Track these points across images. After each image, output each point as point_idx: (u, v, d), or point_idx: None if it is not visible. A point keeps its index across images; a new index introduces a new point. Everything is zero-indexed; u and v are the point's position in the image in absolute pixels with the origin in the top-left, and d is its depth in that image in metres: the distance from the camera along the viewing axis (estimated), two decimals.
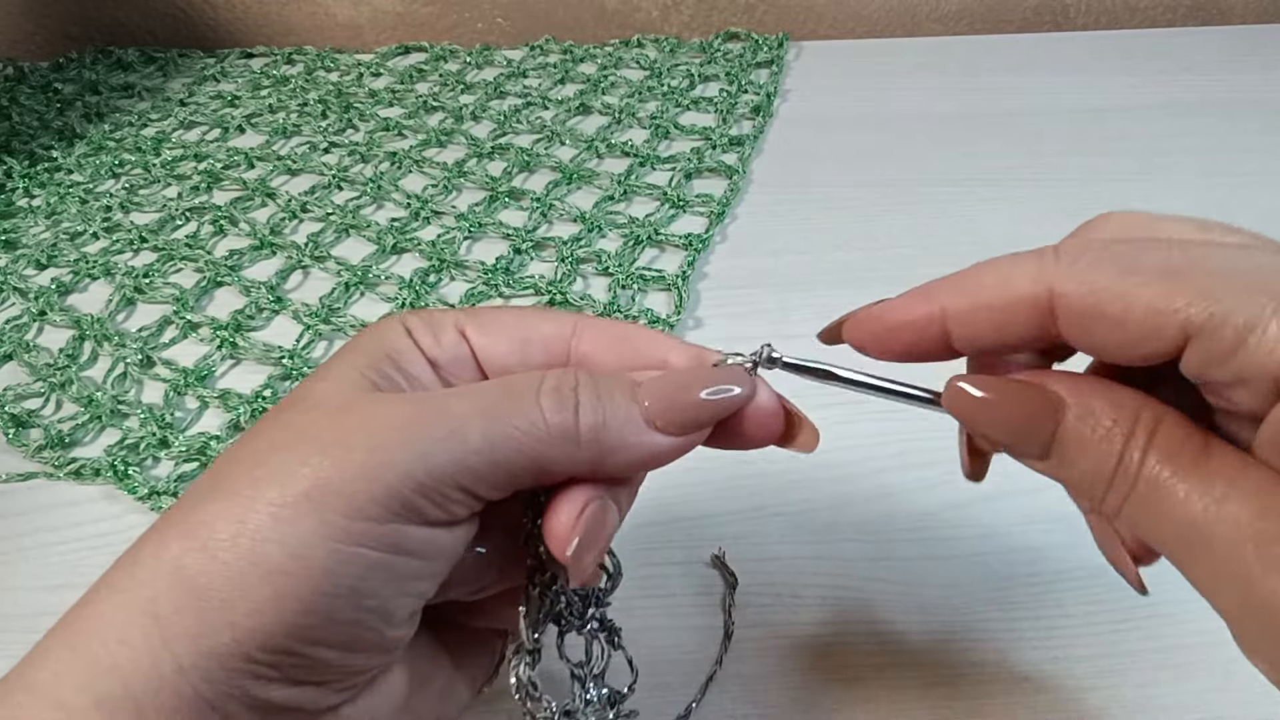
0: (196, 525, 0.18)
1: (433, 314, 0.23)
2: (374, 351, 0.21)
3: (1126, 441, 0.17)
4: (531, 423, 0.19)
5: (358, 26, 0.72)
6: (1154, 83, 0.61)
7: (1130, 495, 0.17)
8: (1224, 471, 0.16)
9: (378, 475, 0.18)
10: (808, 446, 0.22)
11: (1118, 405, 0.17)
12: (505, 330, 0.22)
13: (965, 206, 0.49)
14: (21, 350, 0.42)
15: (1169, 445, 0.16)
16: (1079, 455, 0.17)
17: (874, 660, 0.29)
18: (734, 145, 0.55)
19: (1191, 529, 0.16)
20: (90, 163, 0.57)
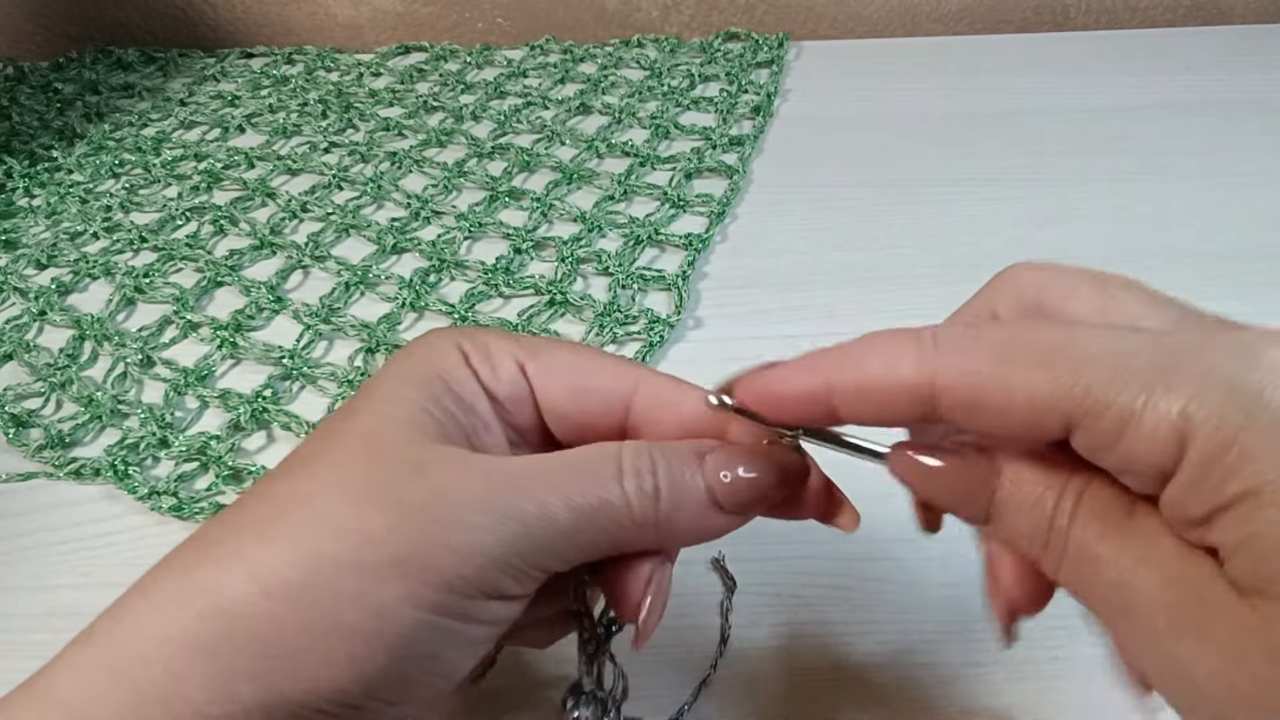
0: (261, 566, 0.17)
1: (488, 341, 0.22)
2: (430, 379, 0.21)
3: (1056, 506, 0.17)
4: (617, 510, 0.20)
5: (358, 26, 0.72)
6: (1154, 83, 0.61)
7: (1063, 558, 0.17)
8: (1141, 537, 0.16)
9: (469, 557, 0.18)
10: (846, 527, 0.23)
11: (1048, 472, 0.18)
12: (566, 375, 0.22)
13: (965, 206, 0.49)
14: (21, 350, 0.42)
15: (1094, 510, 0.17)
16: (1015, 519, 0.18)
17: (874, 660, 0.29)
18: (734, 145, 0.55)
19: (1115, 594, 0.16)
20: (90, 163, 0.57)
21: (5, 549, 0.34)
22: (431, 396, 0.20)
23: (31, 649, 0.30)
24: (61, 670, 0.17)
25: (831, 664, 0.28)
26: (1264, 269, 0.43)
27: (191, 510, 0.34)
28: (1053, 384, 0.16)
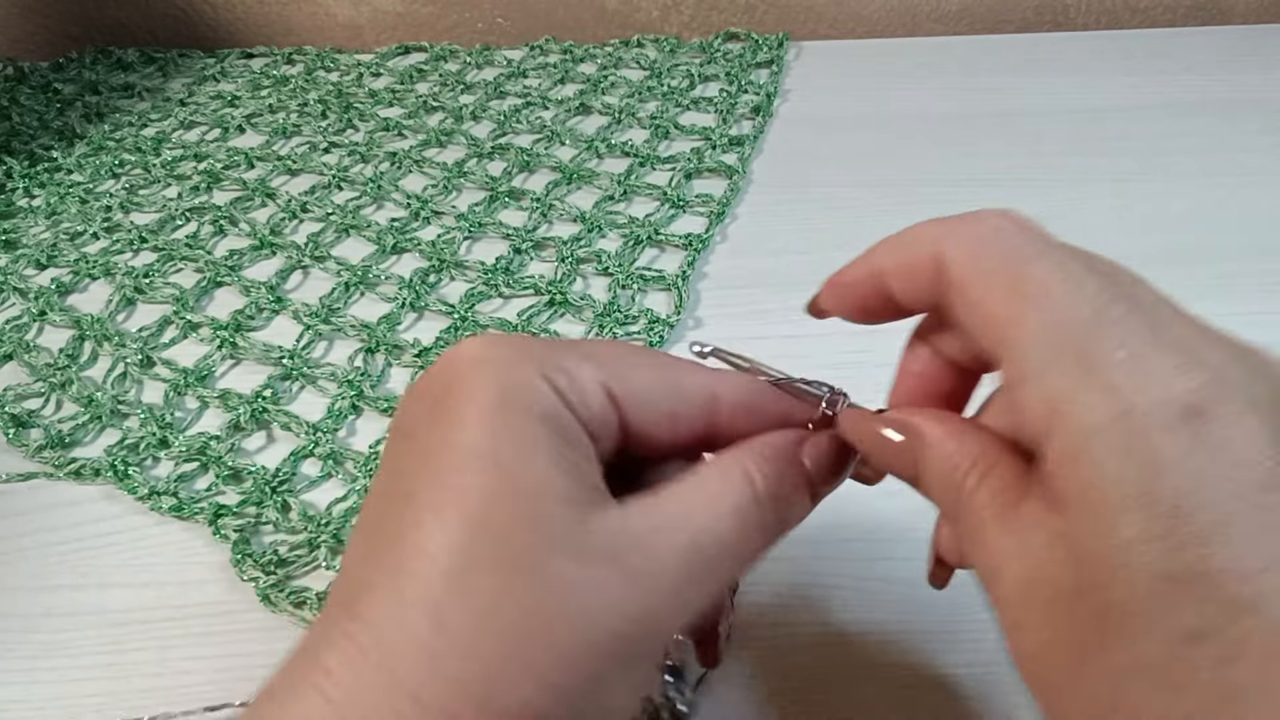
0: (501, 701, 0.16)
1: (569, 366, 0.20)
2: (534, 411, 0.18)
3: (963, 480, 0.18)
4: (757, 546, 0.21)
5: (358, 26, 0.72)
6: (1154, 83, 0.61)
7: (962, 526, 0.18)
8: (1020, 526, 0.17)
9: (670, 628, 0.19)
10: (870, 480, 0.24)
11: (963, 447, 0.19)
12: (656, 401, 0.21)
13: (965, 206, 0.48)
14: (21, 350, 0.42)
15: (991, 491, 0.18)
16: (934, 484, 0.19)
17: (874, 660, 0.29)
18: (734, 145, 0.55)
19: (988, 573, 0.18)
20: (90, 163, 0.57)
21: (5, 549, 0.34)
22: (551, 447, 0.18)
23: (31, 649, 0.30)
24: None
25: (832, 664, 0.28)
26: (1264, 269, 0.43)
27: (191, 510, 0.34)
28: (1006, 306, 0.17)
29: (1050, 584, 0.16)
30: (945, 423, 0.20)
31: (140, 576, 0.32)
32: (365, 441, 0.37)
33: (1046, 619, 0.16)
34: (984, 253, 0.18)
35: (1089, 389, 0.15)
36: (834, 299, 0.22)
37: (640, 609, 0.18)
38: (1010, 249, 0.18)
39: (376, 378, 0.40)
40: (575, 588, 0.17)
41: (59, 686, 0.29)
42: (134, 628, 0.31)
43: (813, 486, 0.22)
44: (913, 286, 0.20)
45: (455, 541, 0.17)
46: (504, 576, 0.17)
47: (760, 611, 0.30)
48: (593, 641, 0.17)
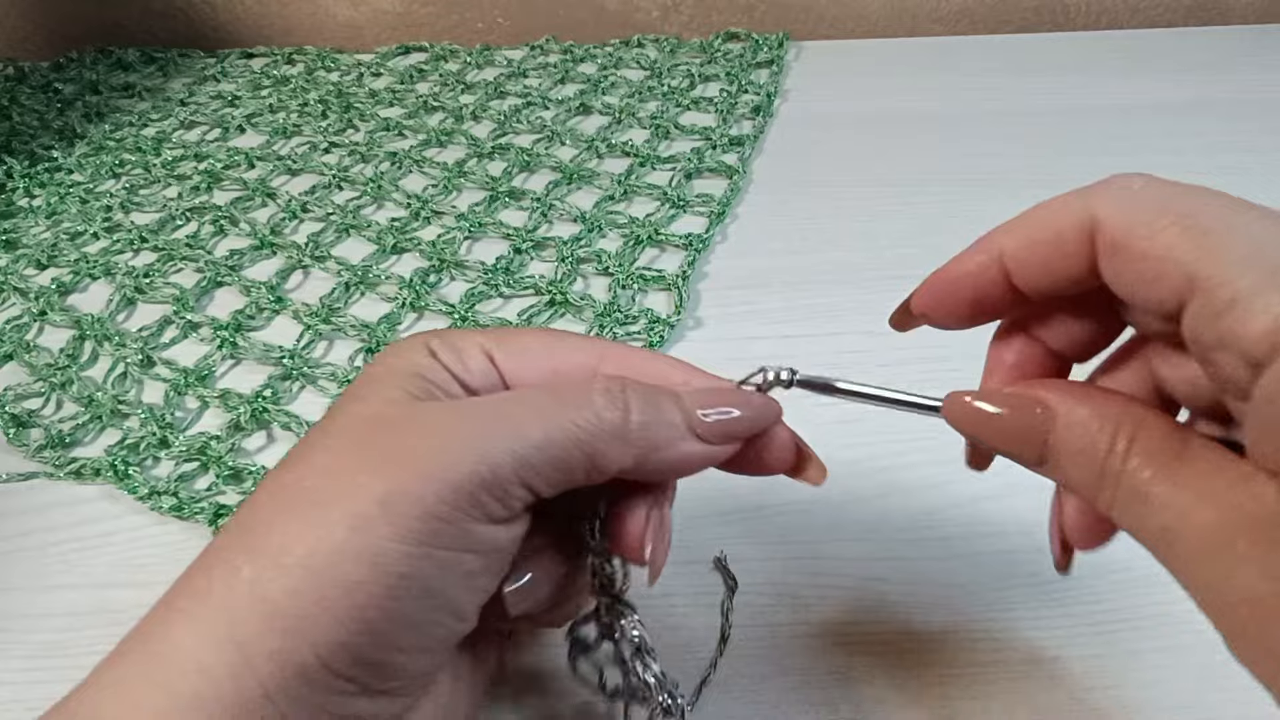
0: (269, 546, 0.18)
1: (455, 337, 0.23)
2: (406, 372, 0.22)
3: (1110, 447, 0.18)
4: (587, 419, 0.20)
5: (358, 26, 0.72)
6: (1154, 83, 0.61)
7: (1116, 497, 0.18)
8: (1195, 474, 0.16)
9: (445, 477, 0.19)
10: (813, 480, 0.24)
11: (1102, 412, 0.18)
12: (534, 359, 0.23)
13: (965, 206, 0.49)
14: (22, 350, 0.42)
15: (1148, 449, 0.17)
16: (1070, 461, 0.18)
17: (874, 660, 0.29)
18: (734, 145, 0.55)
19: (1167, 533, 0.17)
20: (90, 163, 0.57)
21: (5, 549, 0.34)
22: (410, 382, 0.21)
23: (31, 649, 0.30)
24: (104, 683, 0.18)
25: (831, 664, 0.28)
26: None
27: (191, 510, 0.34)
28: (1191, 242, 0.16)
29: (1260, 523, 0.15)
30: (1072, 389, 0.19)
31: (140, 576, 0.32)
32: None
33: (1255, 562, 0.15)
34: (1141, 205, 0.17)
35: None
36: (938, 299, 0.21)
37: (414, 459, 0.19)
38: (1167, 196, 0.17)
39: None
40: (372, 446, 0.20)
41: (59, 686, 0.29)
42: None
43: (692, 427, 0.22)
44: (1053, 262, 0.19)
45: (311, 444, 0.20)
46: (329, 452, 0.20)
47: (760, 611, 0.30)
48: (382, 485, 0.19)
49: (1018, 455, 0.19)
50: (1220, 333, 0.16)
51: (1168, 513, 0.16)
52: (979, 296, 0.20)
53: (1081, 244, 0.18)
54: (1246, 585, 0.15)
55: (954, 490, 0.33)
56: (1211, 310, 0.16)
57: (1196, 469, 0.16)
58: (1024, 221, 0.19)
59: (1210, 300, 0.16)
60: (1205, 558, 0.16)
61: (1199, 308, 0.16)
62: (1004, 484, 0.33)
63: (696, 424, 0.22)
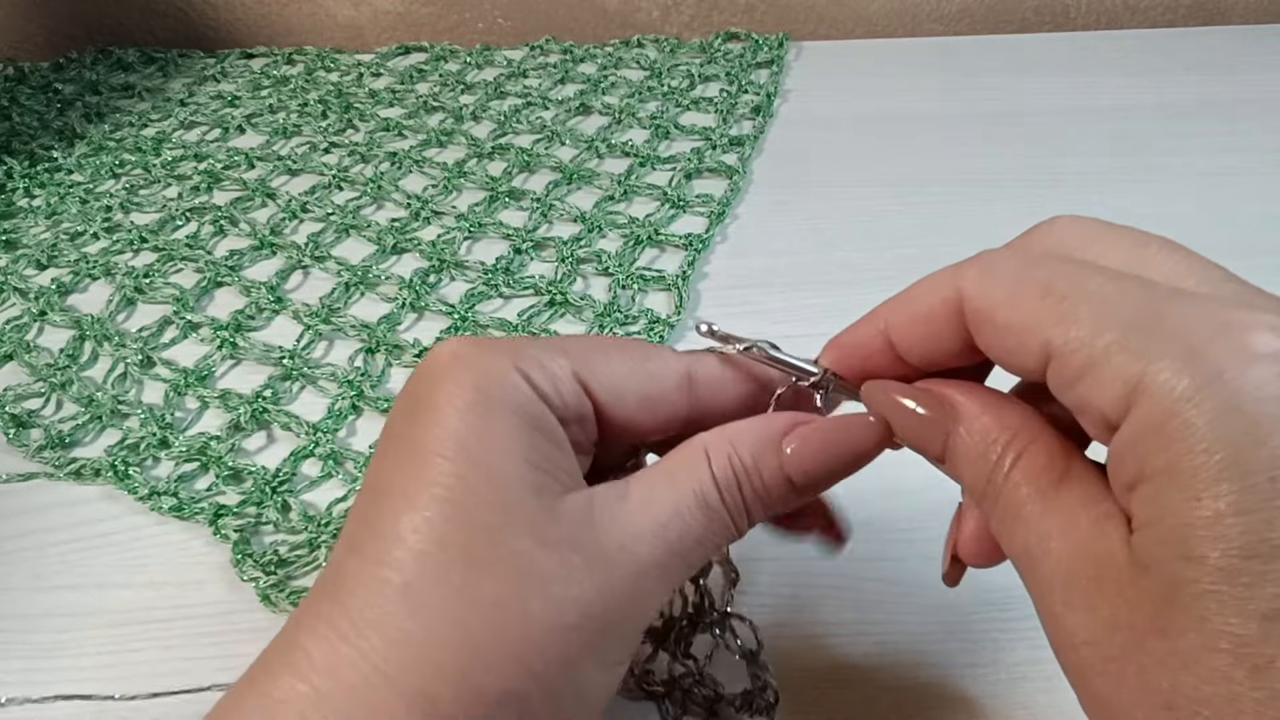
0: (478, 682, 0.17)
1: (542, 357, 0.20)
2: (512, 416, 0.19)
3: (999, 459, 0.18)
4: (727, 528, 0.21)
5: (358, 26, 0.72)
6: (1154, 83, 0.61)
7: (995, 507, 0.18)
8: (1066, 504, 0.17)
9: (641, 611, 0.19)
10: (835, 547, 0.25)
11: (1001, 423, 0.18)
12: (630, 388, 0.21)
13: (965, 206, 0.49)
14: (22, 350, 0.42)
15: (1031, 468, 0.17)
16: (964, 463, 0.19)
17: (874, 660, 0.29)
18: (734, 145, 0.55)
19: (1027, 555, 0.17)
20: (90, 163, 0.57)
21: (5, 549, 0.34)
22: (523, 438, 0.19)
23: (31, 649, 0.30)
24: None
25: (831, 664, 0.28)
26: (1264, 268, 0.43)
27: (191, 511, 0.34)
28: (1041, 313, 0.16)
29: (1101, 564, 0.15)
30: (980, 396, 0.19)
31: (140, 576, 0.32)
32: (365, 441, 0.37)
33: (1097, 601, 0.15)
34: (1002, 278, 0.18)
35: (1171, 356, 0.15)
36: (838, 361, 0.22)
37: (602, 591, 0.18)
38: (1025, 267, 0.18)
39: (376, 378, 0.40)
40: (539, 569, 0.18)
41: (59, 686, 0.29)
42: (134, 628, 0.31)
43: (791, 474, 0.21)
44: (930, 338, 0.19)
45: (429, 529, 0.18)
46: (473, 560, 0.18)
47: (760, 612, 0.30)
48: (559, 622, 0.18)
49: (921, 447, 0.20)
50: (1076, 397, 0.16)
51: (1031, 535, 0.17)
52: (869, 366, 0.21)
53: (952, 319, 0.19)
54: (1077, 626, 0.16)
55: (954, 490, 0.33)
56: (1067, 377, 0.16)
57: (1068, 498, 0.17)
58: (903, 298, 0.20)
59: (1065, 367, 0.16)
60: (1051, 589, 0.16)
61: (1056, 374, 0.16)
62: None
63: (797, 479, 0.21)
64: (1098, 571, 0.16)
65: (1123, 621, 0.15)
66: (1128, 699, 0.15)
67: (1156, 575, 0.14)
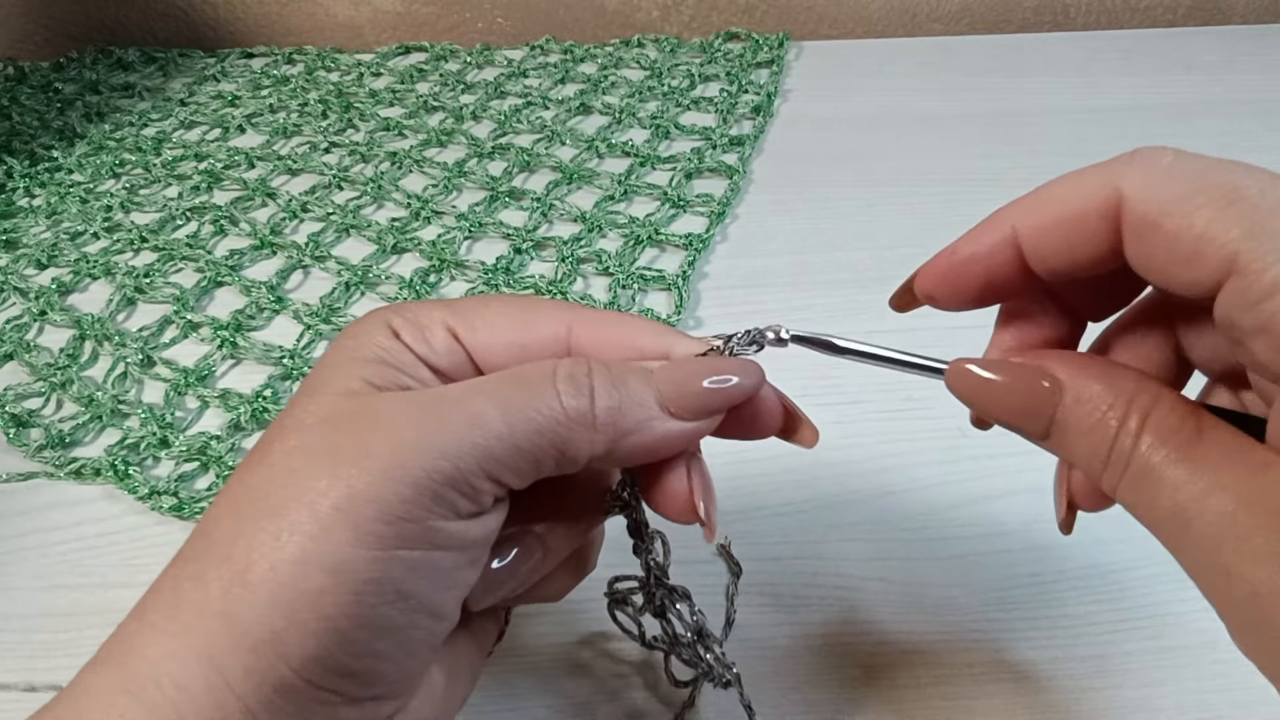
0: (232, 560, 0.18)
1: (417, 313, 0.22)
2: (367, 357, 0.21)
3: (1121, 425, 0.17)
4: (550, 407, 0.19)
5: (358, 26, 0.72)
6: (1154, 83, 0.61)
7: (1124, 477, 0.17)
8: (1212, 459, 0.16)
9: (404, 475, 0.18)
10: (807, 442, 0.23)
11: (1114, 388, 0.17)
12: (500, 333, 0.22)
13: (965, 206, 0.49)
14: (22, 350, 0.42)
15: (1162, 430, 0.16)
16: (1076, 438, 0.18)
17: (874, 660, 0.29)
18: (734, 145, 0.55)
19: (1178, 517, 0.16)
20: (90, 163, 0.57)
21: (5, 549, 0.34)
22: (376, 373, 0.20)
23: (31, 649, 0.30)
24: (80, 698, 0.17)
25: (832, 664, 0.28)
26: None
27: (191, 510, 0.34)
28: (1231, 221, 0.15)
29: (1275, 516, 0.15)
30: (1083, 364, 0.18)
31: (141, 576, 0.32)
32: None
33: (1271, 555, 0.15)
34: (1173, 181, 0.16)
35: None
36: (945, 280, 0.20)
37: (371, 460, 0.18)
38: (1201, 171, 0.16)
39: None
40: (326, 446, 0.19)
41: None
42: None
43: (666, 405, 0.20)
44: (1073, 244, 0.18)
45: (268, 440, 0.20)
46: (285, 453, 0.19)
47: (760, 611, 0.30)
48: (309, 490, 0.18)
49: (1020, 428, 0.19)
50: (1260, 319, 0.15)
51: (1181, 496, 0.16)
52: (989, 279, 0.19)
53: (1105, 224, 0.17)
54: (1261, 578, 0.15)
55: (954, 490, 0.33)
56: (1252, 295, 0.15)
57: (1213, 453, 0.16)
58: (1040, 199, 0.18)
59: (1251, 284, 0.15)
60: (1219, 545, 0.15)
61: (1237, 292, 0.15)
62: (1004, 484, 0.33)
63: (668, 400, 0.21)
64: (1271, 522, 0.15)
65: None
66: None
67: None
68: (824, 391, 0.37)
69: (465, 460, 0.18)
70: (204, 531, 0.19)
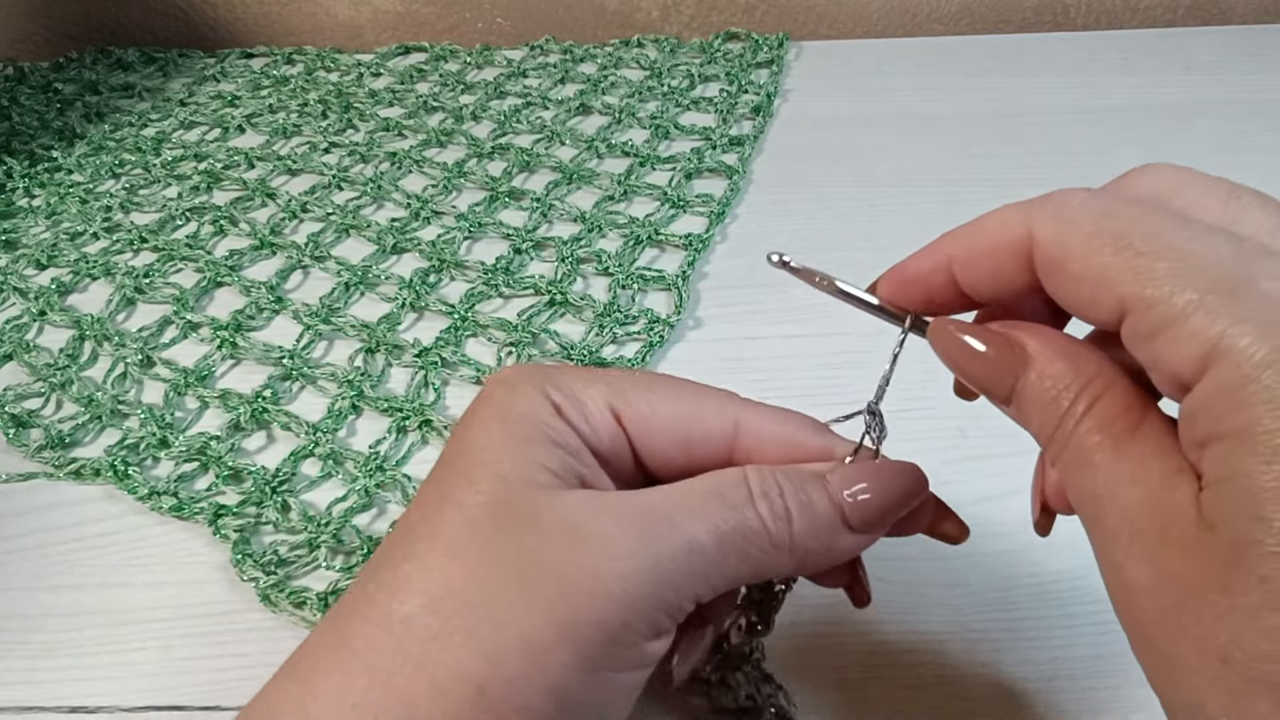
0: (435, 667, 0.18)
1: (574, 387, 0.21)
2: (537, 437, 0.20)
3: (1071, 404, 0.18)
4: (756, 533, 0.20)
5: (358, 26, 0.72)
6: (1154, 83, 0.61)
7: (1063, 453, 0.18)
8: (1138, 453, 0.17)
9: (629, 600, 0.18)
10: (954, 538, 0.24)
11: (1074, 368, 0.18)
12: (668, 426, 0.22)
13: (965, 206, 0.48)
14: (21, 350, 0.42)
15: (1103, 416, 0.17)
16: (1032, 409, 0.18)
17: (874, 660, 0.29)
18: (734, 145, 0.55)
19: (1094, 502, 0.17)
20: (90, 163, 0.57)
21: (5, 549, 0.34)
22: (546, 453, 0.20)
23: (31, 649, 0.30)
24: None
25: (832, 664, 0.28)
26: None
27: (191, 510, 0.34)
28: (1118, 267, 0.16)
29: (1169, 516, 0.15)
30: (1053, 341, 0.19)
31: (140, 576, 0.32)
32: (365, 441, 0.37)
33: (1160, 553, 0.15)
34: (1076, 225, 0.17)
35: (1253, 321, 0.14)
36: (895, 291, 0.21)
37: (582, 579, 0.18)
38: (1102, 215, 0.17)
39: (376, 378, 0.40)
40: (518, 555, 0.18)
41: (59, 686, 0.29)
42: (134, 628, 0.31)
43: (846, 519, 0.21)
44: (995, 274, 0.19)
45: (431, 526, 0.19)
46: (458, 548, 0.19)
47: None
48: (525, 608, 0.18)
49: (988, 390, 0.19)
50: (1150, 354, 0.16)
51: (1101, 483, 0.17)
52: (929, 296, 0.21)
53: (1020, 261, 0.18)
54: (1139, 574, 0.16)
55: (954, 490, 0.33)
56: (1142, 332, 0.16)
57: (1142, 448, 0.17)
58: (969, 231, 0.19)
59: (1140, 322, 0.16)
60: (1116, 537, 0.16)
61: (1131, 328, 0.16)
62: (1005, 485, 0.33)
63: (851, 517, 0.21)
64: (1164, 524, 0.15)
65: (1185, 575, 0.15)
66: (1183, 649, 0.15)
67: (1222, 533, 0.14)
68: (824, 392, 0.37)
69: (685, 589, 0.19)
70: (404, 622, 0.18)
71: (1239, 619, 0.14)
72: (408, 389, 0.39)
